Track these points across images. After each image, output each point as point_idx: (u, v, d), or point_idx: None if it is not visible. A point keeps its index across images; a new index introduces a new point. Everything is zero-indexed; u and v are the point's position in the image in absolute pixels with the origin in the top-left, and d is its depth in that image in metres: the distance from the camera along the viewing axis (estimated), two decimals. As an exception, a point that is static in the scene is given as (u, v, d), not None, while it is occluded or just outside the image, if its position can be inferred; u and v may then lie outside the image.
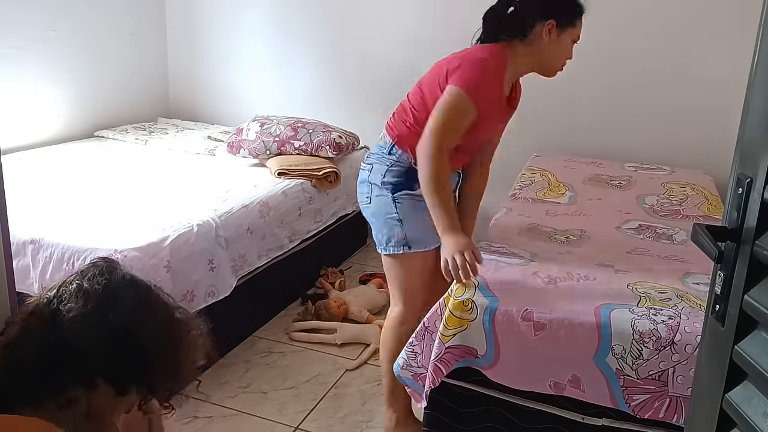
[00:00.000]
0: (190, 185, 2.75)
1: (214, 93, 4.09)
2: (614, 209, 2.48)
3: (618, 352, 1.56)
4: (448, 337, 1.69)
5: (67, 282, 1.00)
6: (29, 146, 3.24)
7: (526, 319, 1.63)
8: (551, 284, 1.76)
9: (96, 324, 0.95)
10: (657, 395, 1.55)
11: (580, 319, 1.60)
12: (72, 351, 0.93)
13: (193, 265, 2.19)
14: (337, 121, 3.78)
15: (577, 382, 1.62)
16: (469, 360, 1.70)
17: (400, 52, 3.56)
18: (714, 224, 0.91)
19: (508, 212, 2.41)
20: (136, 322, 0.98)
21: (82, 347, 0.94)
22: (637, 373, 1.56)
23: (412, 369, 1.79)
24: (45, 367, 0.92)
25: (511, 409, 1.75)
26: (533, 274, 1.81)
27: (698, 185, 2.76)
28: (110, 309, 0.97)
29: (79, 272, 1.02)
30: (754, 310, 0.82)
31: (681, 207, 2.53)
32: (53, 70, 3.36)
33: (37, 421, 0.89)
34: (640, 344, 1.55)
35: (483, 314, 1.66)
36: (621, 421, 1.64)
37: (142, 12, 3.89)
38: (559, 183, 2.78)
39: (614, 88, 3.22)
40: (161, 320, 1.03)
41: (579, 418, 1.68)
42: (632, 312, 1.61)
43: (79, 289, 0.97)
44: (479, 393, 1.77)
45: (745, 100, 0.87)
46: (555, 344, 1.61)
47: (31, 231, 2.12)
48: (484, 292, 1.70)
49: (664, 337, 1.54)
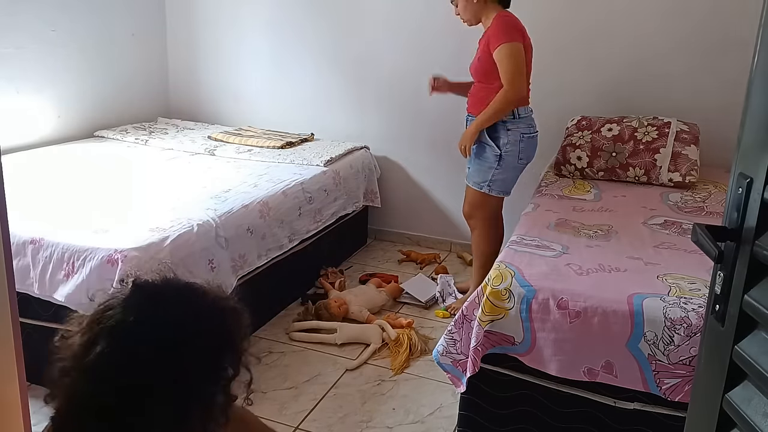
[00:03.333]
0: (190, 185, 2.75)
1: (214, 93, 4.09)
2: (639, 206, 2.56)
3: (650, 338, 1.64)
4: (486, 322, 1.79)
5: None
6: (29, 146, 3.23)
7: (561, 307, 1.72)
8: (584, 275, 1.85)
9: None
10: (688, 379, 1.62)
11: (613, 308, 1.68)
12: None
13: (193, 265, 2.19)
14: (337, 121, 3.79)
15: (610, 368, 1.70)
16: (506, 347, 1.80)
17: (401, 52, 3.56)
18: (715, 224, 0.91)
19: (536, 208, 2.51)
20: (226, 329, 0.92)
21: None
22: (668, 358, 1.63)
23: (452, 356, 1.90)
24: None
25: (544, 393, 1.84)
26: (566, 265, 1.91)
27: (720, 183, 2.83)
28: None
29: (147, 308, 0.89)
30: (754, 310, 0.82)
31: (705, 204, 2.60)
32: (53, 70, 3.35)
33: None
34: (672, 331, 1.63)
35: (520, 303, 1.76)
36: (652, 405, 1.72)
37: (142, 12, 3.89)
38: (584, 181, 2.90)
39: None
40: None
41: (611, 402, 1.76)
42: (663, 300, 1.68)
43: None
44: (514, 378, 1.87)
45: (746, 100, 0.88)
46: (589, 331, 1.70)
47: (31, 231, 2.11)
48: (521, 282, 1.79)
49: (694, 324, 1.61)
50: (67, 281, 2.03)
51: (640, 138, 2.87)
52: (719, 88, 3.01)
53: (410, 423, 2.15)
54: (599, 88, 3.23)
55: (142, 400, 0.82)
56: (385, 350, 2.57)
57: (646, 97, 3.16)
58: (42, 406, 2.20)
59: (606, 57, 3.19)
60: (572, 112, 3.18)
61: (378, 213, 3.80)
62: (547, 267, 1.89)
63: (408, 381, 2.39)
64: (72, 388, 0.86)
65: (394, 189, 3.77)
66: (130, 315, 0.86)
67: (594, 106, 3.21)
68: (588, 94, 3.26)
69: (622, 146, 2.88)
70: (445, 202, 3.61)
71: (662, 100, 3.13)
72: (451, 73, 3.48)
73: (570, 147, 2.98)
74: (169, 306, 0.89)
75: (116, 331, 0.85)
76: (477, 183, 2.73)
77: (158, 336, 0.85)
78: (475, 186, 2.74)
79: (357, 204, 3.44)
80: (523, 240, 2.13)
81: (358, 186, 3.46)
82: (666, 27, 3.07)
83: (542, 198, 2.66)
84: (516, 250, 2.03)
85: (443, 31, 3.44)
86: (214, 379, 0.89)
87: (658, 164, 2.81)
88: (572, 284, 1.78)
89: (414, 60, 3.54)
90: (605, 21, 3.16)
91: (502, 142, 2.63)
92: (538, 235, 2.17)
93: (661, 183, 2.82)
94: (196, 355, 0.86)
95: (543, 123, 3.14)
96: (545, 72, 3.30)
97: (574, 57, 3.24)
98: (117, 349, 0.84)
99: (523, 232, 2.21)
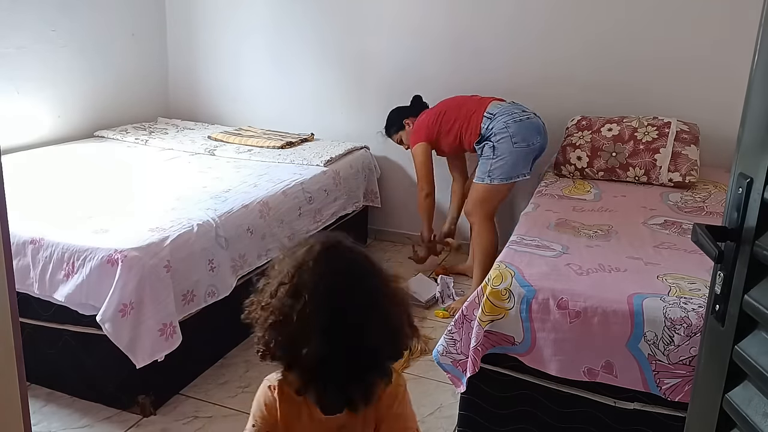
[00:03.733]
0: (190, 185, 2.74)
1: (214, 93, 4.09)
2: (639, 206, 2.56)
3: (650, 338, 1.64)
4: (486, 322, 1.79)
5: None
6: (29, 146, 3.24)
7: (561, 307, 1.72)
8: (584, 275, 1.85)
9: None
10: (688, 379, 1.62)
11: (613, 308, 1.68)
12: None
13: (193, 265, 2.19)
14: (337, 120, 3.79)
15: (610, 368, 1.70)
16: (506, 347, 1.80)
17: (401, 52, 3.56)
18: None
19: (536, 208, 2.51)
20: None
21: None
22: (668, 358, 1.63)
23: (452, 356, 1.90)
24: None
25: (544, 393, 1.84)
26: (566, 265, 1.91)
27: (720, 183, 2.83)
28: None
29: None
30: (754, 310, 0.82)
31: (705, 204, 2.60)
32: (53, 70, 3.35)
33: None
34: (672, 331, 1.62)
35: (520, 303, 1.76)
36: (652, 405, 1.72)
37: (142, 12, 3.89)
38: (584, 181, 2.90)
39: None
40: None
41: (611, 402, 1.76)
42: (663, 300, 1.68)
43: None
44: (514, 378, 1.87)
45: (745, 100, 0.88)
46: (589, 331, 1.70)
47: (31, 231, 2.11)
48: (521, 282, 1.79)
49: (695, 324, 1.61)
50: (67, 281, 2.03)
51: (640, 138, 2.87)
52: (719, 88, 3.02)
53: (410, 423, 2.15)
54: (599, 88, 3.23)
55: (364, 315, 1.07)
56: (385, 350, 2.57)
57: (646, 97, 3.16)
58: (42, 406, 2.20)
59: (606, 57, 3.19)
60: (572, 112, 3.18)
61: (378, 213, 3.80)
62: (547, 267, 1.89)
63: (408, 381, 2.38)
64: (294, 327, 1.05)
65: (394, 189, 3.77)
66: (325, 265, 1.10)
67: (594, 106, 3.21)
68: (588, 94, 3.26)
69: (622, 146, 2.88)
70: (445, 202, 3.60)
71: (662, 100, 3.14)
72: (451, 73, 3.49)
73: (570, 147, 2.98)
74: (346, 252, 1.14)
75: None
76: (480, 177, 2.83)
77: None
78: (478, 180, 2.83)
79: (357, 204, 3.44)
80: (523, 240, 2.13)
81: (358, 186, 3.46)
82: (666, 27, 3.07)
83: (542, 198, 2.66)
84: (516, 250, 2.03)
85: (443, 31, 3.45)
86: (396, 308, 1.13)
87: (658, 164, 2.81)
88: (572, 284, 1.78)
89: (414, 60, 3.54)
90: (605, 21, 3.16)
91: (493, 135, 2.81)
92: (538, 235, 2.17)
93: (661, 183, 2.82)
94: (379, 288, 1.12)
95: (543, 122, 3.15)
96: (545, 72, 3.31)
97: (574, 57, 3.24)
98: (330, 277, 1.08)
99: (523, 232, 2.21)
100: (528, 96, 3.12)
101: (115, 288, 1.95)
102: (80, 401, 2.18)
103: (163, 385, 2.19)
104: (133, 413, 2.13)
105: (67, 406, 2.16)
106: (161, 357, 2.02)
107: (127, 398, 2.13)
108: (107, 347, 1.98)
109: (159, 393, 2.17)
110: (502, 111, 2.82)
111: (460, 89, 3.16)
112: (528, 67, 3.33)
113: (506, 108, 2.84)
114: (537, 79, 3.33)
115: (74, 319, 2.08)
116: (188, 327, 2.13)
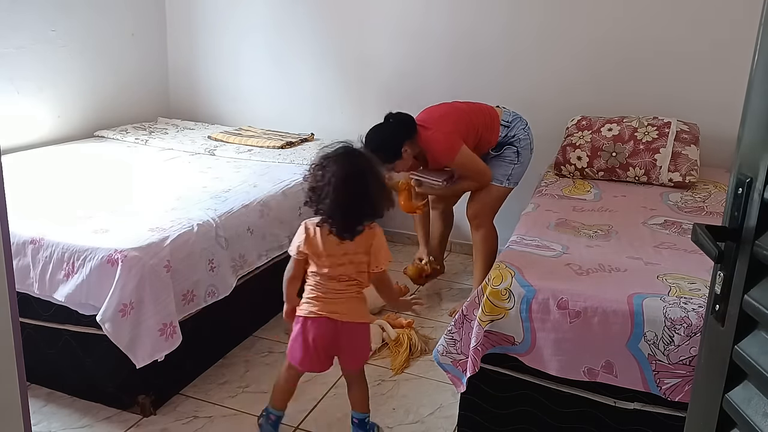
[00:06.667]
0: (190, 185, 2.74)
1: (214, 93, 4.10)
2: (639, 206, 2.56)
3: (650, 338, 1.64)
4: (486, 322, 1.79)
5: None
6: (29, 146, 3.24)
7: (561, 307, 1.72)
8: (584, 275, 1.85)
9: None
10: (688, 379, 1.62)
11: (613, 307, 1.68)
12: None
13: (193, 265, 2.19)
14: (337, 121, 3.79)
15: (610, 368, 1.70)
16: (506, 347, 1.80)
17: (401, 52, 3.56)
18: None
19: (536, 208, 2.52)
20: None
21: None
22: (668, 358, 1.63)
23: (452, 356, 1.90)
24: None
25: (544, 393, 1.84)
26: (566, 265, 1.91)
27: (720, 183, 2.83)
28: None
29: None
30: (754, 310, 0.82)
31: (705, 204, 2.60)
32: (53, 70, 3.35)
33: None
34: (672, 331, 1.63)
35: (520, 303, 1.76)
36: (652, 405, 1.72)
37: (142, 12, 3.89)
38: (584, 181, 2.91)
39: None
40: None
41: (611, 402, 1.77)
42: (663, 300, 1.68)
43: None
44: (514, 378, 1.87)
45: (745, 100, 0.88)
46: (589, 331, 1.70)
47: (31, 231, 2.11)
48: (521, 282, 1.79)
49: (694, 324, 1.61)
50: (67, 281, 2.03)
51: (640, 138, 2.87)
52: (719, 88, 3.02)
53: (410, 423, 2.15)
54: (599, 89, 3.23)
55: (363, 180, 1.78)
56: (385, 350, 2.57)
57: (646, 97, 3.16)
58: (42, 406, 2.20)
59: (606, 57, 3.19)
60: (572, 112, 3.19)
61: (378, 213, 3.79)
62: (547, 267, 1.89)
63: (408, 381, 2.39)
64: (322, 188, 1.78)
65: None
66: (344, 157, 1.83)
67: (594, 106, 3.21)
68: (588, 94, 3.26)
69: (622, 146, 2.88)
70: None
71: (662, 100, 3.14)
72: (450, 73, 3.49)
73: (570, 147, 2.98)
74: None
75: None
76: (498, 180, 2.82)
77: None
78: (497, 183, 2.83)
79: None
80: (523, 240, 2.13)
81: (358, 186, 3.45)
82: (666, 27, 3.07)
83: (542, 198, 2.67)
84: (516, 250, 2.03)
85: (443, 32, 3.45)
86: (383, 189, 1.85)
87: (658, 164, 2.81)
88: (572, 284, 1.79)
89: (414, 60, 3.54)
90: (606, 21, 3.16)
91: (516, 141, 2.81)
92: (538, 235, 2.17)
93: (661, 183, 2.82)
94: (373, 175, 1.81)
95: (543, 123, 3.16)
96: (546, 73, 3.31)
97: (575, 57, 3.24)
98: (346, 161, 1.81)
99: (523, 232, 2.21)
100: (528, 96, 3.12)
101: (115, 288, 1.95)
102: (80, 401, 2.18)
103: (163, 385, 2.19)
104: (133, 413, 2.13)
105: (67, 406, 2.16)
106: (161, 357, 2.02)
107: (127, 398, 2.13)
108: (107, 347, 1.99)
109: (159, 393, 2.17)
110: (512, 117, 2.85)
111: (460, 90, 3.16)
112: (528, 67, 3.33)
113: (513, 115, 2.87)
114: (537, 79, 3.33)
115: (74, 319, 2.08)
116: (188, 327, 2.13)
